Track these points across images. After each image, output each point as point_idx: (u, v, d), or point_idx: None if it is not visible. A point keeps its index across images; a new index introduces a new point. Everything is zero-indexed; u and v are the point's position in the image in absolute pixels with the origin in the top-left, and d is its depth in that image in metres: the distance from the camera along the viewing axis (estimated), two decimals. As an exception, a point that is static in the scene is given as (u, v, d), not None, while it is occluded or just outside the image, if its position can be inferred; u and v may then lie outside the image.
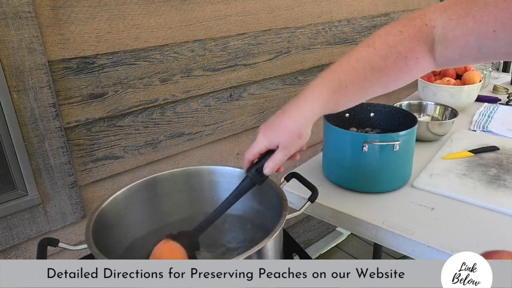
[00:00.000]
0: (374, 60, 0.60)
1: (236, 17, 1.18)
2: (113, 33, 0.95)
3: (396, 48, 0.60)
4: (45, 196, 0.92)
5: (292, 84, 1.42)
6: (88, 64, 0.93)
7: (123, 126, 1.03)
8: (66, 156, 0.93)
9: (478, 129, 1.34)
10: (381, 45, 0.61)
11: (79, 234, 1.02)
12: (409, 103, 1.39)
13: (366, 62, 0.61)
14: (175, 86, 1.10)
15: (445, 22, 0.57)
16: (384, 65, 0.60)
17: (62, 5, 0.86)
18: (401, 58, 0.60)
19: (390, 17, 1.74)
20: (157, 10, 1.01)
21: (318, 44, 1.45)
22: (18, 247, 0.94)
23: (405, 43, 0.60)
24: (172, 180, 0.80)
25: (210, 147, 1.25)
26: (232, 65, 1.21)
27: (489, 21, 0.52)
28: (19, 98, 0.83)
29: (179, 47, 1.07)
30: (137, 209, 0.76)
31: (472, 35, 0.55)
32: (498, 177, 0.98)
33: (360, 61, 0.61)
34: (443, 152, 1.13)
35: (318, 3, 1.40)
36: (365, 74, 0.61)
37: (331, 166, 1.01)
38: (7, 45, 0.80)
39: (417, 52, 0.60)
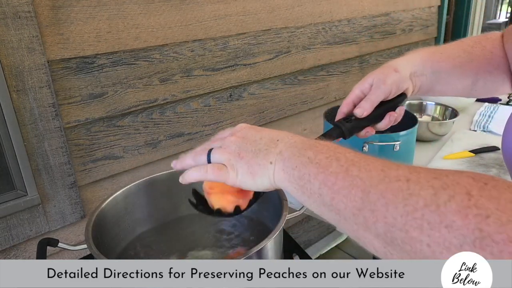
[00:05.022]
0: (463, 46, 0.65)
1: (236, 17, 1.18)
2: (113, 33, 0.95)
3: (481, 43, 0.65)
4: (45, 196, 0.92)
5: (292, 84, 1.42)
6: (88, 64, 0.93)
7: (122, 126, 1.03)
8: (66, 156, 0.93)
9: (478, 129, 1.34)
10: (467, 40, 0.66)
11: (79, 234, 1.02)
12: (410, 103, 1.38)
13: (456, 46, 0.65)
14: (175, 86, 1.09)
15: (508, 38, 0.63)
16: (473, 51, 0.64)
17: (61, 4, 0.86)
18: (487, 50, 0.64)
19: (390, 16, 1.74)
20: (157, 10, 1.00)
21: (318, 44, 1.45)
22: (18, 247, 0.94)
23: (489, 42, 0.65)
24: (172, 180, 0.80)
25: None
26: (232, 65, 1.21)
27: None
28: (18, 98, 0.83)
29: (179, 47, 1.07)
30: (137, 209, 0.76)
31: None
32: (506, 166, 0.98)
33: (451, 44, 0.66)
34: (444, 152, 1.13)
35: (318, 3, 1.40)
36: (458, 52, 0.64)
37: (331, 166, 1.01)
38: (6, 45, 0.80)
39: (501, 51, 0.64)
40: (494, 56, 0.64)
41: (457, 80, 0.64)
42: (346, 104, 0.60)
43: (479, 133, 1.31)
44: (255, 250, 0.55)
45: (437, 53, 0.64)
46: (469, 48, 0.65)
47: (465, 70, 0.64)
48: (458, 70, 0.64)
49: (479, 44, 0.65)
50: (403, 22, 1.83)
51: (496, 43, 0.65)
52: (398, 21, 1.80)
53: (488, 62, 0.64)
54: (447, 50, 0.65)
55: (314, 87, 1.50)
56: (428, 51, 0.65)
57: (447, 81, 0.64)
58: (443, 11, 2.07)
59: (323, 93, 1.54)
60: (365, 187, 0.34)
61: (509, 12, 5.72)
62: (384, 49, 1.77)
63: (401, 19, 1.82)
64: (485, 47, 0.65)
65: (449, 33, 2.47)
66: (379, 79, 0.58)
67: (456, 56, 0.64)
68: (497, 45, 0.65)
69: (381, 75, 0.58)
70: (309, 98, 1.49)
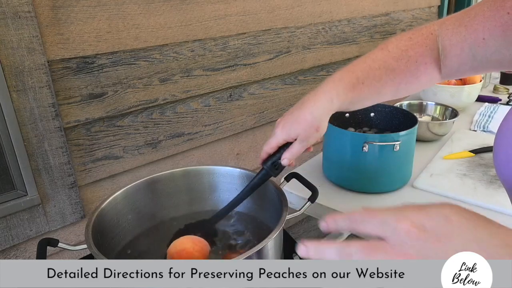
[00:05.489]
0: (388, 61, 0.65)
1: (236, 17, 1.18)
2: (113, 33, 0.95)
3: (407, 52, 0.64)
4: (45, 196, 0.92)
5: (292, 84, 1.42)
6: (88, 64, 0.93)
7: (122, 126, 1.03)
8: (66, 156, 0.93)
9: (478, 129, 1.34)
10: (394, 49, 0.65)
11: (79, 234, 1.02)
12: (410, 103, 1.39)
13: (381, 63, 0.65)
14: (175, 86, 1.09)
15: (443, 32, 0.62)
16: (397, 66, 0.64)
17: (61, 4, 0.86)
18: (412, 61, 0.64)
19: (390, 16, 1.74)
20: (157, 10, 1.00)
21: (318, 44, 1.45)
22: (18, 247, 0.94)
23: (415, 48, 0.64)
24: (171, 180, 0.80)
25: (210, 147, 1.25)
26: (232, 65, 1.21)
27: (478, 29, 0.57)
28: (18, 98, 0.83)
29: (179, 47, 1.07)
30: (137, 209, 0.76)
31: (465, 42, 0.59)
32: (498, 178, 0.98)
33: (375, 62, 0.65)
34: (444, 152, 1.13)
35: (318, 3, 1.40)
36: (380, 74, 0.65)
37: (331, 166, 1.01)
38: (6, 45, 0.80)
39: (426, 57, 0.64)
40: (419, 64, 0.64)
41: (376, 98, 0.69)
42: (271, 148, 0.68)
43: (479, 133, 1.31)
44: (255, 250, 0.55)
45: (358, 84, 0.64)
46: (393, 64, 0.64)
47: (386, 87, 0.66)
48: (379, 91, 0.67)
49: (405, 55, 0.64)
50: (403, 22, 1.83)
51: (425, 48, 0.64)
52: (398, 21, 1.80)
53: (412, 73, 0.65)
54: (370, 74, 0.65)
55: (314, 87, 1.50)
56: (347, 84, 0.64)
57: (365, 103, 0.69)
58: (443, 11, 2.07)
59: (323, 93, 1.54)
60: None
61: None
62: (384, 49, 1.77)
63: (401, 19, 1.82)
64: (410, 58, 0.64)
65: (449, 33, 2.46)
66: (302, 139, 0.65)
67: (378, 79, 0.65)
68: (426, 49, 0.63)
69: (304, 135, 0.65)
70: (309, 98, 1.49)
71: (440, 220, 0.34)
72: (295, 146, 0.66)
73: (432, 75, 0.65)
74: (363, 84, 0.64)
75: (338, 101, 0.65)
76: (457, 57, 0.61)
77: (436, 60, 0.64)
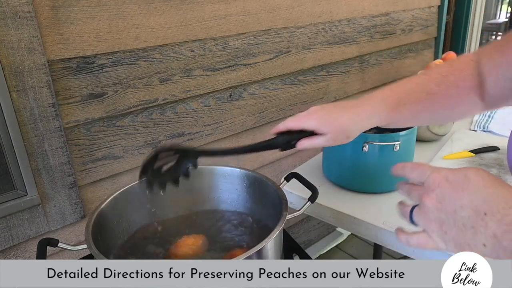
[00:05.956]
0: (429, 85, 0.65)
1: (236, 17, 1.18)
2: (113, 33, 0.95)
3: (448, 77, 0.65)
4: (45, 196, 0.92)
5: (292, 84, 1.42)
6: (88, 64, 0.93)
7: (122, 126, 1.03)
8: (66, 156, 0.93)
9: (478, 129, 1.34)
10: (435, 74, 0.66)
11: (79, 234, 1.02)
12: (409, 103, 1.38)
13: (423, 87, 0.66)
14: (175, 86, 1.09)
15: (481, 58, 0.63)
16: (438, 91, 0.65)
17: (61, 4, 0.86)
18: (453, 86, 0.65)
19: (390, 16, 1.74)
20: (157, 10, 1.00)
21: (318, 44, 1.45)
22: (18, 247, 0.94)
23: (455, 74, 0.65)
24: (171, 180, 0.80)
25: (210, 147, 1.25)
26: (232, 65, 1.21)
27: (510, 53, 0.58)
28: (18, 98, 0.83)
29: (179, 47, 1.07)
30: (137, 209, 0.76)
31: (500, 67, 0.60)
32: (498, 177, 0.98)
33: (418, 85, 0.66)
34: (444, 152, 1.13)
35: (318, 3, 1.40)
36: (421, 97, 0.66)
37: (331, 166, 1.01)
38: (6, 45, 0.80)
39: (466, 82, 0.64)
40: (460, 89, 0.65)
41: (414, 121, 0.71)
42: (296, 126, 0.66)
43: (479, 133, 1.31)
44: (255, 250, 0.55)
45: (399, 106, 0.65)
46: (434, 88, 0.65)
47: (425, 111, 0.67)
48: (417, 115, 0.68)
49: (446, 80, 0.65)
50: (403, 22, 1.83)
51: (465, 74, 0.64)
52: (398, 21, 1.80)
53: (452, 98, 0.66)
54: (412, 97, 0.65)
55: (314, 87, 1.50)
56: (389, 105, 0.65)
57: (401, 125, 0.70)
58: (443, 11, 2.07)
59: (323, 93, 1.54)
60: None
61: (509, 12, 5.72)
62: (384, 49, 1.77)
63: (401, 19, 1.82)
64: (451, 83, 0.65)
65: (449, 33, 2.47)
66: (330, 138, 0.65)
67: (418, 102, 0.66)
68: (466, 75, 0.64)
69: (334, 137, 0.65)
70: (309, 98, 1.49)
71: (460, 176, 0.43)
72: (319, 141, 0.65)
73: (473, 101, 0.65)
74: (404, 106, 0.65)
75: (378, 120, 0.66)
76: (495, 82, 0.61)
77: (477, 87, 0.64)
